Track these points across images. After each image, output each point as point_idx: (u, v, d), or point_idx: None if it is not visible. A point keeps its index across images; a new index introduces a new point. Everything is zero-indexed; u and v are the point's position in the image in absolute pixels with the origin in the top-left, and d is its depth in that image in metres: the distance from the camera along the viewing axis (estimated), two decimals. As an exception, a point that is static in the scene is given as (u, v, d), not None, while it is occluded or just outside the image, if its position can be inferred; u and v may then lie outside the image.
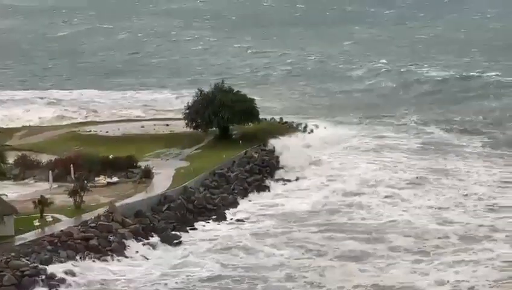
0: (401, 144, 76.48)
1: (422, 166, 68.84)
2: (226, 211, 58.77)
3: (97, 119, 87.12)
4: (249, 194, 62.81)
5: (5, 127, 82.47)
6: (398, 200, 60.58)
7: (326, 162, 70.21)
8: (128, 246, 51.20)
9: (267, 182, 65.56)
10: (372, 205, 59.32)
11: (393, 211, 58.01)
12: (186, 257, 50.34)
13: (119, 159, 64.70)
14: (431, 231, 53.54)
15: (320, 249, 51.12)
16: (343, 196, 61.42)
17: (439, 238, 52.36)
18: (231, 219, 57.69)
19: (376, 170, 67.37)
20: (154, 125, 79.57)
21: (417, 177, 65.32)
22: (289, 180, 66.51)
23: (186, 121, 73.91)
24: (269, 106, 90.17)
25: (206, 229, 55.58)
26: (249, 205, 60.65)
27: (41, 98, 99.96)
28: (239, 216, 58.11)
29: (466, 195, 60.97)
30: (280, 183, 66.07)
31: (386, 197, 61.13)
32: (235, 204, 60.35)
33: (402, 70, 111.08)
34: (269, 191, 64.17)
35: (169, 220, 55.52)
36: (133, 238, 52.04)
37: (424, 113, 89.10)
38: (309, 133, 76.92)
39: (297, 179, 66.76)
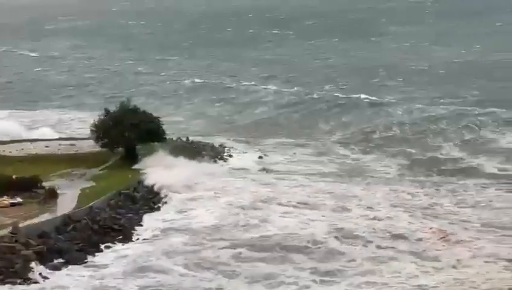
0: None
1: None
2: (133, 231, 58.24)
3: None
4: (154, 212, 62.67)
5: None
6: (298, 214, 60.60)
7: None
8: (32, 268, 50.41)
9: (169, 198, 65.64)
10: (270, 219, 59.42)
11: (296, 230, 57.63)
12: (94, 279, 49.57)
13: (23, 179, 63.78)
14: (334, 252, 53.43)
15: (232, 270, 50.81)
16: (244, 209, 61.57)
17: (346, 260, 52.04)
18: (137, 238, 57.34)
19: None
20: (60, 145, 78.98)
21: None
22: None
23: (93, 141, 73.75)
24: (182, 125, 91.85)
25: (113, 250, 54.80)
26: (156, 223, 60.09)
27: None
28: (146, 235, 57.60)
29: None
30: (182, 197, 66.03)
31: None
32: (141, 223, 60.09)
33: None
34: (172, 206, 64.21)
35: (74, 241, 54.80)
36: (37, 260, 51.17)
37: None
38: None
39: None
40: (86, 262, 52.33)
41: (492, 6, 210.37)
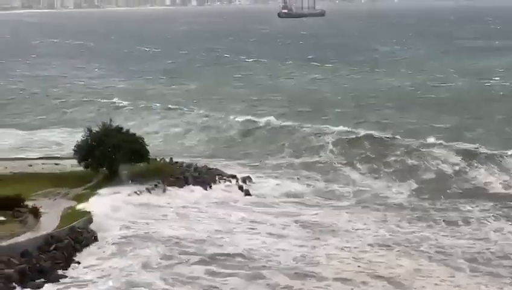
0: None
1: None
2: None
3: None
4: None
5: None
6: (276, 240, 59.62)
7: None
8: (14, 287, 50.65)
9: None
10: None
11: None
12: None
13: (5, 198, 63.86)
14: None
15: None
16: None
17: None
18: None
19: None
20: (43, 164, 79.15)
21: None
22: None
23: (76, 161, 74.02)
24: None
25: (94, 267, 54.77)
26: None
27: None
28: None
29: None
30: None
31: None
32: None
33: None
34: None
35: (56, 260, 55.15)
36: (19, 279, 51.45)
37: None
38: None
39: None
40: (66, 277, 52.62)
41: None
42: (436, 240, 59.26)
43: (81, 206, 64.66)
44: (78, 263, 55.64)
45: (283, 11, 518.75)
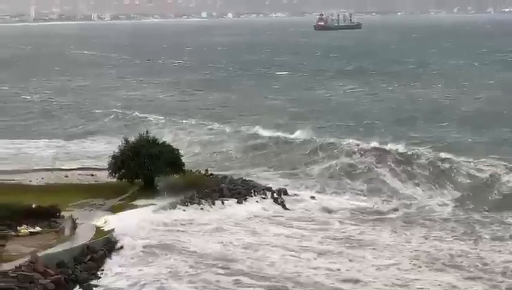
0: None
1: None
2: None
3: (20, 168, 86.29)
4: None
5: None
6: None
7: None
8: (50, 297, 50.70)
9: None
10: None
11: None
12: None
13: (42, 208, 64.13)
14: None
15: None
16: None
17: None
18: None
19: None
20: (79, 174, 79.36)
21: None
22: None
23: (111, 171, 73.96)
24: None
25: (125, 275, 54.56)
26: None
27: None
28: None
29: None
30: None
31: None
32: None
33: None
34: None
35: (91, 270, 55.05)
36: (55, 289, 51.42)
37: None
38: None
39: None
40: (98, 286, 52.63)
41: None
42: (478, 255, 57.77)
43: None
44: (109, 271, 55.48)
45: (319, 23, 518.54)
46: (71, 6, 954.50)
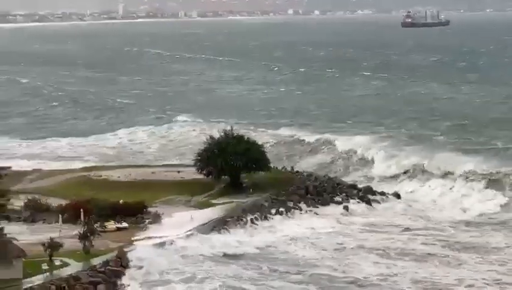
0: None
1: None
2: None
3: (108, 164, 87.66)
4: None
5: (14, 169, 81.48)
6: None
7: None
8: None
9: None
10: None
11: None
12: None
13: (129, 204, 64.81)
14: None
15: None
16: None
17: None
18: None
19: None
20: (166, 171, 79.79)
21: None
22: None
23: (197, 168, 74.19)
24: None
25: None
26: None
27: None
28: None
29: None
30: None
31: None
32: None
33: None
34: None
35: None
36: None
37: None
38: None
39: None
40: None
41: None
42: None
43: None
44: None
45: (407, 20, 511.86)
46: (160, 4, 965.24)
